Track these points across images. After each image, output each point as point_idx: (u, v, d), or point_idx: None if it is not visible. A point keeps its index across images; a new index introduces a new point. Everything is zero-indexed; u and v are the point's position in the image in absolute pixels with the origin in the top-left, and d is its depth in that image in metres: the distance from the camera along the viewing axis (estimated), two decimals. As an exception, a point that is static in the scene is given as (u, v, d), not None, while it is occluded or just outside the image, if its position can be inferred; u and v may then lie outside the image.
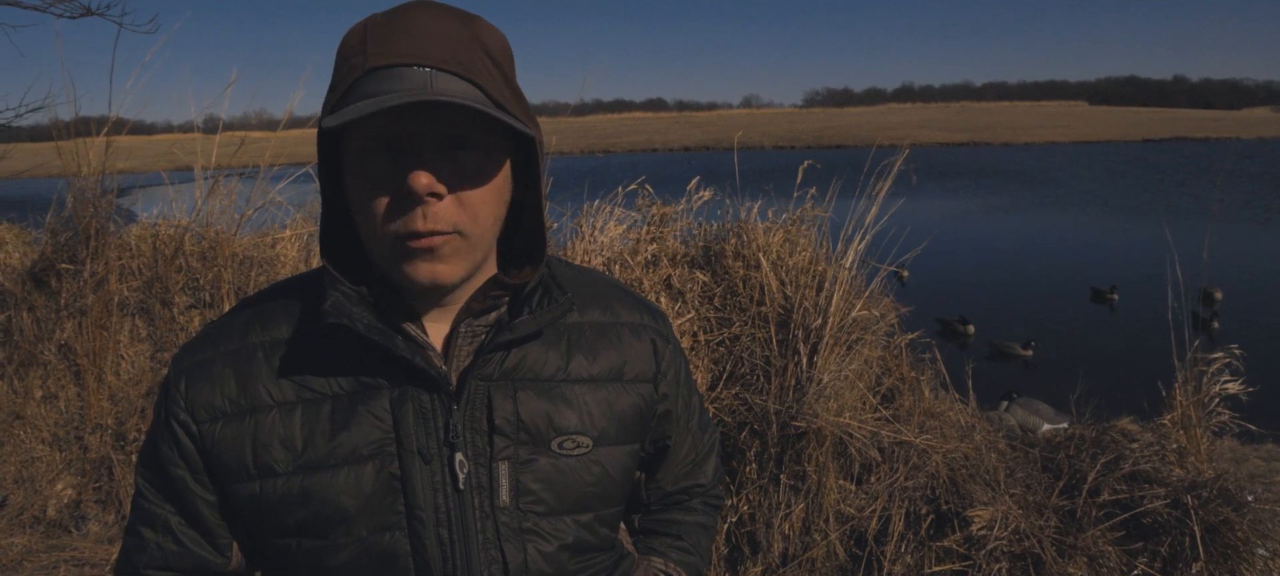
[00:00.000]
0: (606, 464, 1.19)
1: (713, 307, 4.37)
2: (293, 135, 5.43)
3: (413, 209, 0.99)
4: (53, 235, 5.05)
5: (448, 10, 1.06)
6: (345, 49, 1.04)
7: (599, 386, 1.19)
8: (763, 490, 3.97)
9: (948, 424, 4.22)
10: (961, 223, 23.64)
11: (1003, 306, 13.30)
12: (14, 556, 4.22)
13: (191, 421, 1.10)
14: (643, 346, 1.26)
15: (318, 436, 1.07)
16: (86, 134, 5.07)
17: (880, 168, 4.50)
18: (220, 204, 5.10)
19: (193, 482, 1.12)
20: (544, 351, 1.16)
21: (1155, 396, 4.38)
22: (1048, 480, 4.03)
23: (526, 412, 1.12)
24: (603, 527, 1.21)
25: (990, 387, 5.82)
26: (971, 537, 3.74)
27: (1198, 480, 3.83)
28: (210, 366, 1.12)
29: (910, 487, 3.92)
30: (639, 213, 4.72)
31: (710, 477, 1.48)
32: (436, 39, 1.01)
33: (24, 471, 4.69)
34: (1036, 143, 74.55)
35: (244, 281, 4.89)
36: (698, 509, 1.47)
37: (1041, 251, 18.79)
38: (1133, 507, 3.78)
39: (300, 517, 1.08)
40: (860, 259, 4.34)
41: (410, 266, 1.03)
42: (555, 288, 1.16)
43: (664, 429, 1.34)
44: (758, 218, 4.55)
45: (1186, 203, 26.03)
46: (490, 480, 1.10)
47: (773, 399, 4.02)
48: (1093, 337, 11.45)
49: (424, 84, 0.98)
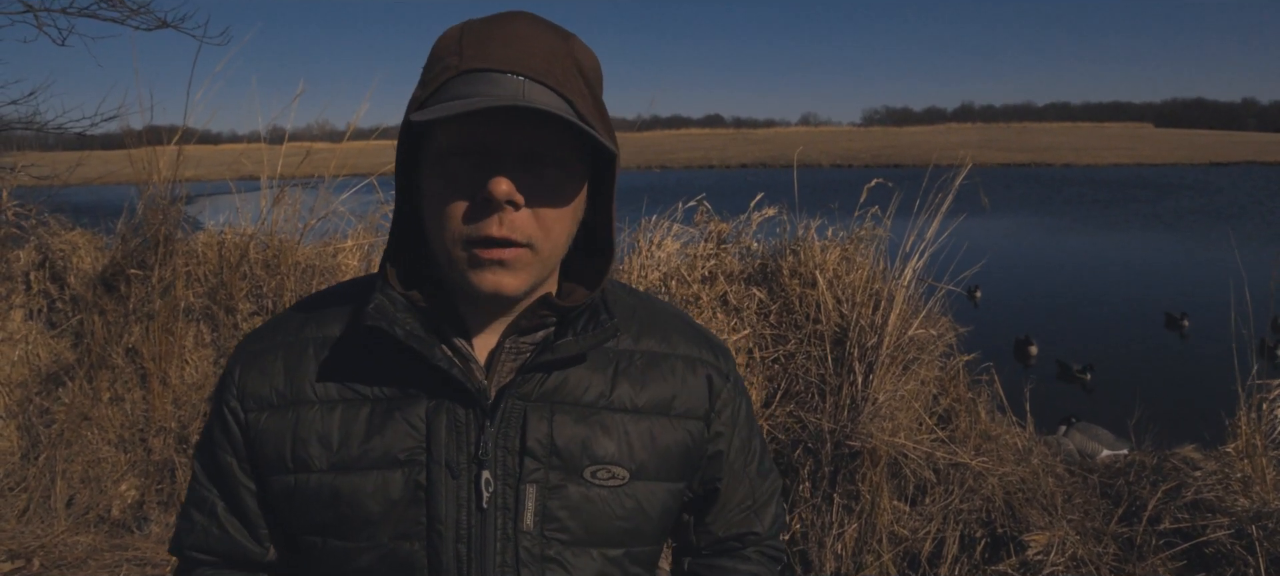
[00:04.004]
0: (642, 499, 1.14)
1: (769, 325, 4.36)
2: (356, 147, 5.51)
3: (489, 215, 0.99)
4: (123, 241, 5.15)
5: (546, 23, 1.07)
6: (440, 49, 1.05)
7: (642, 417, 1.15)
8: (816, 509, 3.94)
9: (1004, 446, 4.16)
10: (1026, 242, 23.28)
11: (1072, 329, 13.06)
12: (79, 554, 4.30)
13: (241, 409, 1.12)
14: (697, 381, 1.21)
15: (353, 437, 1.08)
16: (157, 142, 5.19)
17: (940, 182, 4.46)
18: (284, 213, 5.19)
19: (238, 470, 1.14)
20: (588, 376, 1.13)
21: (1218, 424, 4.27)
22: (1106, 506, 3.96)
23: (561, 437, 1.09)
24: (634, 566, 1.16)
25: (1050, 411, 5.72)
26: (1027, 563, 3.67)
27: (1264, 510, 3.73)
28: (263, 357, 1.14)
29: (965, 510, 3.87)
30: (697, 229, 4.72)
31: (767, 526, 1.35)
32: (533, 50, 1.02)
33: (90, 471, 4.79)
34: (1100, 164, 73.17)
35: (306, 289, 4.96)
36: (753, 558, 1.34)
37: (1116, 274, 18.42)
38: (1194, 537, 3.70)
39: (328, 516, 1.09)
40: (918, 277, 4.30)
41: (476, 274, 1.02)
42: (603, 312, 1.13)
43: (714, 470, 1.26)
44: (815, 235, 4.53)
45: (1262, 228, 25.30)
46: (516, 502, 1.07)
47: (827, 417, 4.00)
48: (1160, 363, 11.21)
49: (517, 92, 0.98)
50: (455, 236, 1.01)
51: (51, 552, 4.24)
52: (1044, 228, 27.45)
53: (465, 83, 0.99)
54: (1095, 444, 5.37)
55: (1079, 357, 10.86)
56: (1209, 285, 15.24)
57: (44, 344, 5.18)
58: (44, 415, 4.88)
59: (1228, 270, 4.69)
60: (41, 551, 4.21)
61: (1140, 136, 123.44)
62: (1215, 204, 35.81)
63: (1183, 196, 39.87)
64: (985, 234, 22.06)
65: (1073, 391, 10.15)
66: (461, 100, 0.96)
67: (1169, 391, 9.12)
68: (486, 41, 1.02)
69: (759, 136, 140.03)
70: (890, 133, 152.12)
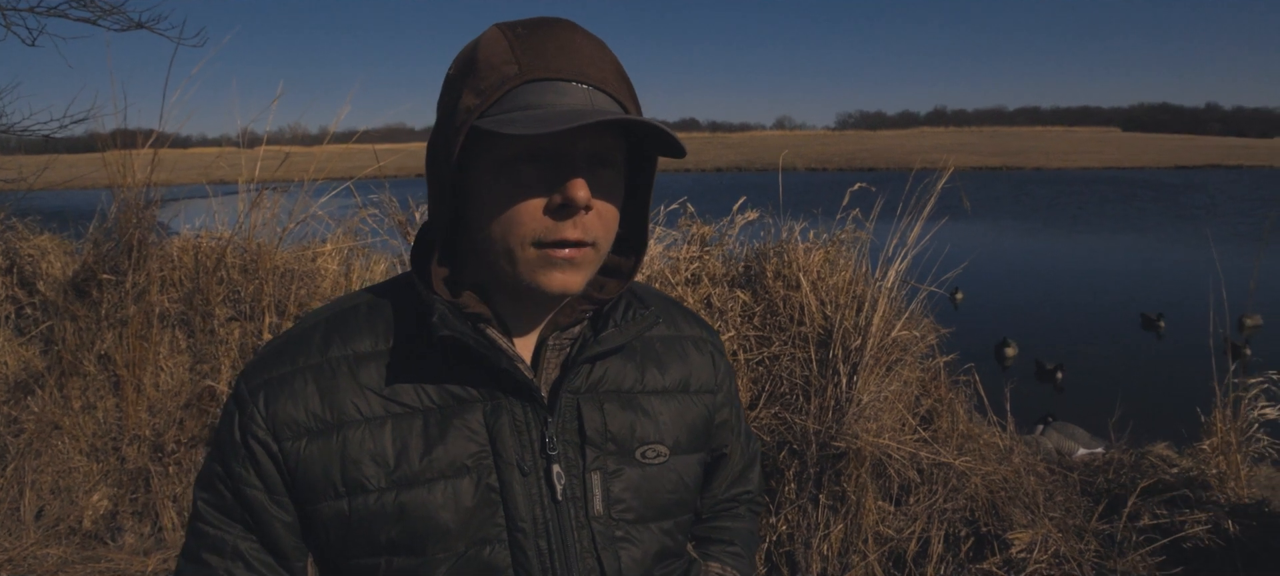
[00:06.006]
0: (681, 471, 1.23)
1: (753, 327, 4.36)
2: (335, 150, 5.46)
3: (566, 218, 1.03)
4: (95, 245, 5.07)
5: (587, 32, 1.09)
6: (490, 56, 1.05)
7: (671, 398, 1.24)
8: (801, 510, 3.95)
9: (986, 446, 4.19)
10: (1006, 245, 23.49)
11: (1051, 330, 13.18)
12: (49, 567, 4.23)
13: (272, 439, 1.07)
14: (704, 359, 1.31)
15: (411, 451, 1.07)
16: (130, 145, 5.11)
17: (922, 187, 4.48)
18: (262, 217, 5.13)
19: (269, 503, 1.08)
20: (623, 364, 1.21)
21: (1193, 422, 4.36)
22: (1087, 504, 4.01)
23: (614, 424, 1.16)
24: (680, 535, 1.25)
25: (1028, 411, 5.76)
26: (1011, 560, 3.71)
27: (1239, 505, 3.80)
28: (291, 382, 1.09)
29: (949, 509, 3.89)
30: (680, 232, 4.72)
31: (755, 484, 1.53)
32: (591, 59, 1.05)
33: (61, 481, 4.70)
34: (1070, 167, 73.98)
35: (285, 294, 4.91)
36: (745, 515, 1.51)
37: (1093, 276, 18.60)
38: (1173, 532, 3.76)
39: (393, 535, 1.07)
40: (901, 279, 4.31)
41: (546, 274, 1.05)
42: (637, 303, 1.20)
43: (723, 437, 1.38)
44: (799, 238, 4.53)
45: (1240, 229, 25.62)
46: (584, 490, 1.13)
47: (812, 419, 4.00)
48: (1136, 363, 11.37)
49: (586, 101, 1.03)
50: (524, 237, 1.03)
51: (20, 565, 4.17)
52: (1021, 231, 27.70)
53: (531, 92, 1.02)
54: (1072, 443, 5.42)
55: (1056, 358, 11.00)
56: (1183, 285, 15.44)
57: (12, 351, 5.10)
58: (12, 424, 4.79)
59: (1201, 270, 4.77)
60: (9, 564, 4.14)
61: (1108, 140, 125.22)
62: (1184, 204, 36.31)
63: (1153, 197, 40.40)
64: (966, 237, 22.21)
65: (1050, 391, 10.28)
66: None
67: (1145, 390, 9.24)
68: (543, 50, 1.04)
69: (734, 140, 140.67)
70: (864, 136, 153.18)
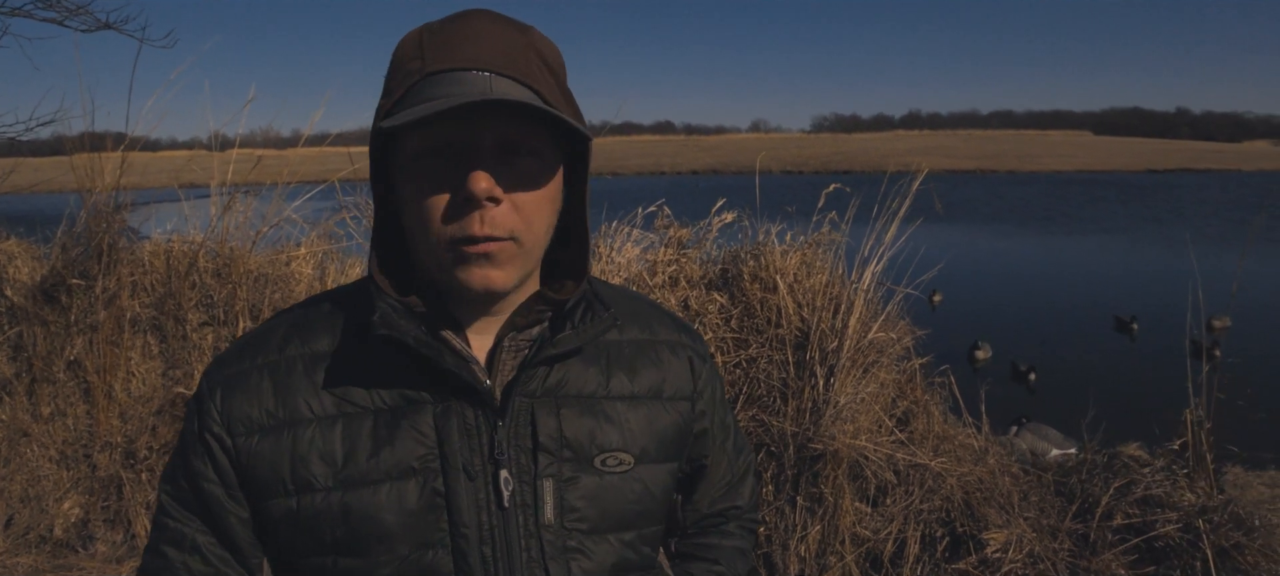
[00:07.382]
0: (648, 482, 1.18)
1: (730, 329, 4.36)
2: (308, 153, 5.42)
3: (470, 213, 0.99)
4: (64, 250, 4.99)
5: (503, 18, 1.07)
6: (401, 55, 1.04)
7: (639, 404, 1.19)
8: (779, 511, 3.95)
9: (961, 447, 4.21)
10: (981, 247, 23.59)
11: (1027, 333, 13.27)
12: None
13: (227, 435, 1.07)
14: (680, 364, 1.26)
15: (359, 451, 1.05)
16: (99, 149, 5.05)
17: (897, 189, 4.50)
18: (235, 221, 5.07)
19: (226, 499, 1.09)
20: (584, 368, 1.16)
21: (1165, 422, 4.40)
22: (1061, 504, 4.04)
23: (570, 430, 1.11)
24: (644, 547, 1.20)
25: (1003, 412, 5.79)
26: (987, 560, 3.73)
27: (1209, 504, 3.85)
28: (247, 378, 1.09)
29: (925, 510, 3.91)
30: (656, 234, 4.72)
31: (747, 500, 1.45)
32: (494, 45, 1.02)
33: (30, 489, 4.64)
34: (1043, 170, 74.60)
35: (259, 298, 4.86)
36: (734, 532, 1.43)
37: (1067, 279, 18.71)
38: (1145, 531, 3.81)
39: (339, 535, 1.05)
40: (877, 281, 4.33)
41: (464, 272, 1.02)
42: (597, 304, 1.15)
43: (701, 448, 1.32)
44: (775, 240, 4.54)
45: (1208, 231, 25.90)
46: (535, 498, 1.09)
47: (789, 421, 4.01)
48: (1110, 365, 11.46)
49: (484, 88, 0.98)
50: (439, 237, 1.01)
51: (-10, 574, 4.12)
52: (996, 233, 27.87)
53: (432, 85, 0.99)
54: (1045, 443, 5.46)
55: (1030, 360, 11.09)
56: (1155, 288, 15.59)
57: (-21, 357, 5.02)
58: (-20, 431, 4.72)
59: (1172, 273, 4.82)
60: (-23, 573, 4.08)
61: (1080, 144, 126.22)
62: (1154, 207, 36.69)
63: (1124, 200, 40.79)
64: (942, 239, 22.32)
65: (1023, 392, 10.35)
66: (430, 101, 0.96)
67: (1119, 392, 9.31)
68: (448, 41, 1.02)
69: (710, 143, 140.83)
70: (840, 139, 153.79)
